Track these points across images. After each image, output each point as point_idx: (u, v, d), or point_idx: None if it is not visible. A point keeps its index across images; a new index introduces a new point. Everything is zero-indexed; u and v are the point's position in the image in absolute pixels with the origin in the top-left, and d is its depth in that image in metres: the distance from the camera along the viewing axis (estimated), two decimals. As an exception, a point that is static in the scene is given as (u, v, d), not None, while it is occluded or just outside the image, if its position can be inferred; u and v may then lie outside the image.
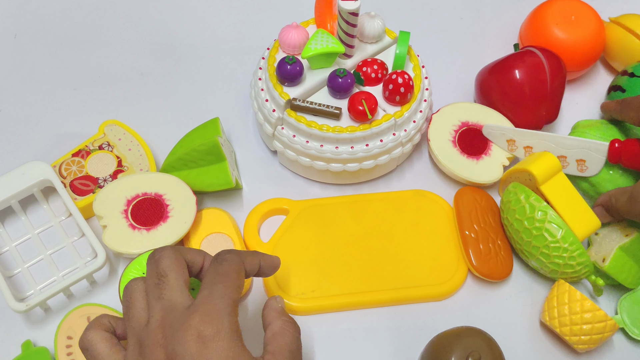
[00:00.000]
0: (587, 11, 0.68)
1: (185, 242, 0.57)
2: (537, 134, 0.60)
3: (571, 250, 0.53)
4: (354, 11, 0.55)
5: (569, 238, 0.53)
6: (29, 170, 0.58)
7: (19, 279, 0.56)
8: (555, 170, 0.57)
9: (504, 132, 0.62)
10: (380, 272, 0.57)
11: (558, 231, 0.53)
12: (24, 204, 0.60)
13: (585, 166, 0.59)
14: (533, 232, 0.54)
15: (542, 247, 0.54)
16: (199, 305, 0.39)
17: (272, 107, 0.59)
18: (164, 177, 0.58)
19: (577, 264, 0.53)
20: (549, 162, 0.56)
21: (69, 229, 0.59)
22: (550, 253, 0.53)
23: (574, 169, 0.60)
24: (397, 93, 0.57)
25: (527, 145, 0.61)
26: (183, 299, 0.40)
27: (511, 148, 0.62)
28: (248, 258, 0.44)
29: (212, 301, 0.39)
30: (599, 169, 0.59)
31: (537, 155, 0.58)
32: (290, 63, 0.57)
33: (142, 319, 0.40)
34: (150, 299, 0.40)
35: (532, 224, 0.54)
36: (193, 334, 0.37)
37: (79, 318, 0.51)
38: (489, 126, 0.62)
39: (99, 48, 0.71)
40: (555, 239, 0.53)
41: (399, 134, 0.59)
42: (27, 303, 0.52)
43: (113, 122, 0.63)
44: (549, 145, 0.60)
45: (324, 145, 0.57)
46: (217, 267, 0.41)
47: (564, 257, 0.53)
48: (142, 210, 0.56)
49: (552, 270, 0.55)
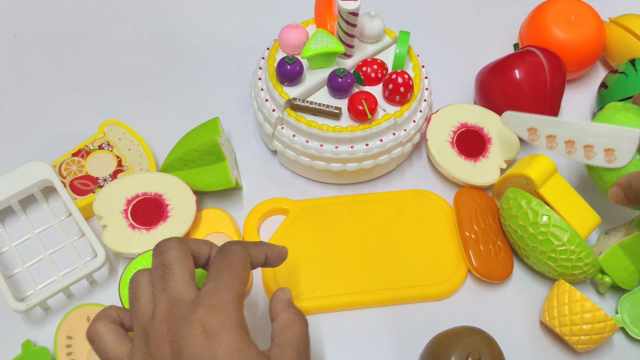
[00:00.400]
0: (587, 11, 0.68)
1: None
2: (562, 122, 0.55)
3: (578, 252, 0.53)
4: (353, 11, 0.55)
5: (575, 240, 0.53)
6: (28, 170, 0.58)
7: (19, 279, 0.56)
8: (552, 172, 0.57)
9: (525, 120, 0.57)
10: (380, 272, 0.57)
11: (564, 234, 0.53)
12: (24, 204, 0.60)
13: (614, 156, 0.53)
14: (539, 237, 0.54)
15: (548, 251, 0.53)
16: (204, 298, 0.38)
17: (272, 107, 0.59)
18: (163, 177, 0.58)
19: (585, 264, 0.53)
20: (544, 164, 0.56)
21: (69, 229, 0.59)
22: (558, 256, 0.53)
23: (602, 159, 0.54)
24: (397, 93, 0.57)
25: (550, 134, 0.55)
26: (188, 291, 0.39)
27: (532, 138, 0.57)
28: (254, 249, 0.43)
29: (217, 294, 0.38)
30: (629, 159, 0.53)
31: (530, 158, 0.58)
32: (290, 63, 0.57)
33: (148, 312, 0.40)
34: (155, 291, 0.40)
35: (536, 229, 0.54)
36: (198, 327, 0.37)
37: (78, 318, 0.51)
38: (509, 114, 0.57)
39: (99, 48, 0.71)
40: (562, 242, 0.53)
41: (399, 133, 0.59)
42: (27, 303, 0.52)
43: (113, 122, 0.63)
44: (574, 133, 0.54)
45: (323, 145, 0.57)
46: (222, 259, 0.41)
47: (571, 259, 0.53)
48: (142, 210, 0.56)
49: (561, 273, 0.55)
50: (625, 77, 0.63)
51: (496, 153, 0.62)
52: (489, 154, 0.62)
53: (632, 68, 0.63)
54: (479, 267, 0.56)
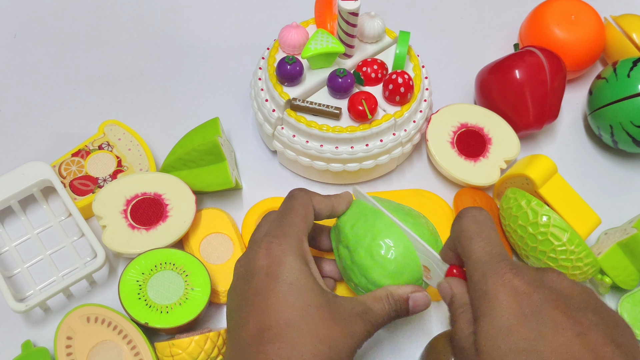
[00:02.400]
0: (587, 11, 0.68)
1: (184, 242, 0.57)
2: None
3: (578, 252, 0.53)
4: (353, 11, 0.55)
5: (574, 240, 0.53)
6: (28, 170, 0.58)
7: (19, 279, 0.56)
8: (552, 172, 0.57)
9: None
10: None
11: (564, 234, 0.53)
12: (23, 204, 0.60)
13: (429, 275, 0.48)
14: (538, 237, 0.54)
15: (548, 251, 0.53)
16: (271, 229, 0.45)
17: (272, 107, 0.59)
18: (163, 177, 0.58)
19: (585, 264, 0.53)
20: (545, 164, 0.56)
21: (69, 229, 0.59)
22: (558, 257, 0.53)
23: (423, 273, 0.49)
24: (397, 93, 0.57)
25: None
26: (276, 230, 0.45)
27: None
28: (318, 198, 0.49)
29: (280, 228, 0.45)
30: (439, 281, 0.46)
31: (530, 158, 0.58)
32: (290, 63, 0.57)
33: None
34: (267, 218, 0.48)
35: (536, 229, 0.53)
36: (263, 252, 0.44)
37: (78, 318, 0.51)
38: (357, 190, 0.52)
39: (99, 48, 0.71)
40: (562, 242, 0.53)
41: (399, 134, 0.59)
42: (26, 303, 0.52)
43: (113, 122, 0.63)
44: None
45: (323, 145, 0.57)
46: (286, 203, 0.48)
47: (571, 259, 0.53)
48: (141, 210, 0.56)
49: None
50: (607, 83, 0.63)
51: (496, 153, 0.62)
52: (489, 154, 0.62)
53: (613, 74, 0.63)
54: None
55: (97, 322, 0.51)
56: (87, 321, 0.51)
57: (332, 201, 0.50)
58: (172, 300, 0.52)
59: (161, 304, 0.51)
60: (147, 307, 0.51)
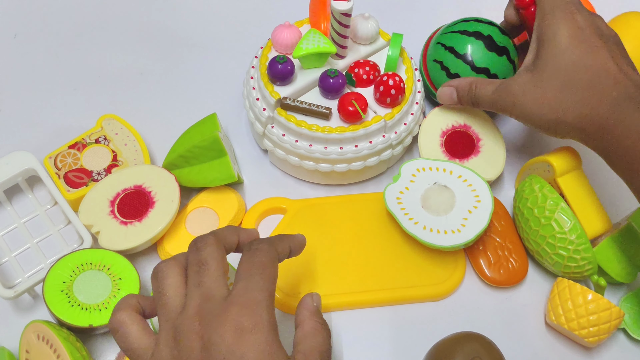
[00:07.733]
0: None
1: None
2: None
3: (577, 243, 0.53)
4: (346, 12, 0.55)
5: (576, 231, 0.53)
6: (12, 160, 0.58)
7: (7, 268, 0.57)
8: (575, 165, 0.57)
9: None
10: (378, 272, 0.57)
11: (566, 223, 0.53)
12: (9, 194, 0.60)
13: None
14: (542, 220, 0.54)
15: (548, 236, 0.54)
16: (237, 297, 0.39)
17: (263, 106, 0.59)
18: (136, 169, 0.58)
19: (582, 258, 0.53)
20: (569, 155, 0.57)
21: (55, 217, 0.59)
22: (556, 244, 0.53)
23: None
24: (387, 95, 0.57)
25: None
26: (221, 289, 0.40)
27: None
28: (279, 245, 0.44)
29: (250, 293, 0.39)
30: None
31: (559, 148, 0.58)
32: (281, 62, 0.57)
33: (178, 305, 0.40)
34: (189, 285, 0.40)
35: (541, 213, 0.54)
36: (231, 325, 0.38)
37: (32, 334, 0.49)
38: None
39: (98, 48, 0.72)
40: (562, 230, 0.53)
41: (389, 135, 0.58)
42: (15, 289, 0.52)
43: (111, 116, 0.63)
44: None
45: (312, 145, 0.57)
46: (251, 258, 0.42)
47: (568, 249, 0.53)
48: (128, 206, 0.57)
49: (556, 263, 0.54)
50: None
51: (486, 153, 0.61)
52: (480, 155, 0.61)
53: None
54: (492, 277, 0.56)
55: (43, 340, 0.49)
56: (37, 339, 0.50)
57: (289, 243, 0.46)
58: (104, 297, 0.52)
59: (96, 302, 0.52)
60: (83, 311, 0.51)
